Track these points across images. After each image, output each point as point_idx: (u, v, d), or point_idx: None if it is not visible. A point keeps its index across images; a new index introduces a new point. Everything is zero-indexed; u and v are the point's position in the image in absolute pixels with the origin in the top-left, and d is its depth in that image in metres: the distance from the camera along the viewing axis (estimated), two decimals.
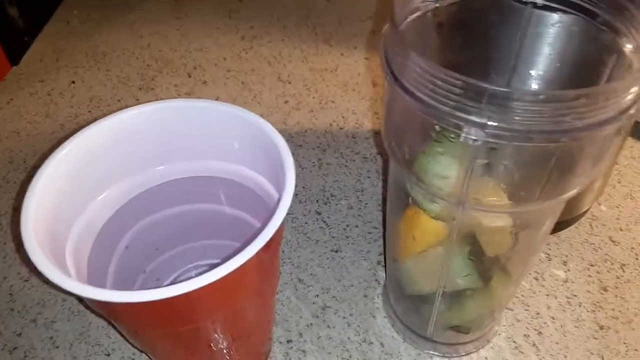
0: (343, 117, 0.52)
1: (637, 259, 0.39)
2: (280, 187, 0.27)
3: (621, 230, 0.40)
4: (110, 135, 0.28)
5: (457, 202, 0.23)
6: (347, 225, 0.42)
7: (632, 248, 0.39)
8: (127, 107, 0.54)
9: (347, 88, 0.55)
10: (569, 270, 0.38)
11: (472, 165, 0.21)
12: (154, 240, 0.32)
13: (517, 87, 0.28)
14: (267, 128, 0.27)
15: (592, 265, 0.38)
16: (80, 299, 0.38)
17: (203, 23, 0.64)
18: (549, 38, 0.27)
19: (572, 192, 0.22)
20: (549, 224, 0.26)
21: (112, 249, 0.30)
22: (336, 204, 0.44)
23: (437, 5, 0.26)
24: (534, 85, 0.28)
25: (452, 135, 0.20)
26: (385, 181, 0.44)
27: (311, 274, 0.39)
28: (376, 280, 0.38)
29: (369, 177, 0.46)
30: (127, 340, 0.36)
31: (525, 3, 0.26)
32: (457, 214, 0.24)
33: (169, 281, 0.35)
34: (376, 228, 0.42)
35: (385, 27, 0.24)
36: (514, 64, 0.28)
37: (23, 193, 0.45)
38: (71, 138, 0.27)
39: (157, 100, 0.54)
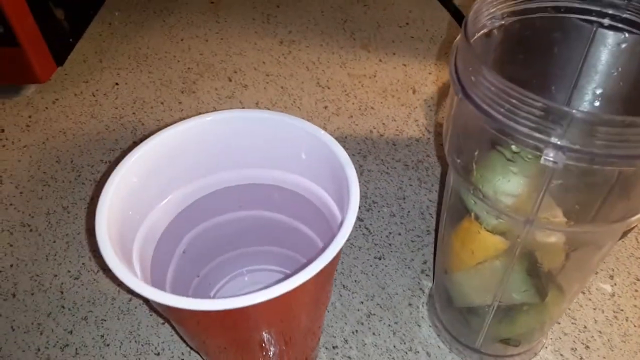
0: (383, 123, 0.52)
1: None
2: (341, 204, 0.27)
3: None
4: (177, 143, 0.29)
5: (525, 221, 0.23)
6: (390, 233, 0.43)
7: None
8: (170, 109, 0.55)
9: (386, 94, 0.55)
10: (615, 284, 0.38)
11: (547, 186, 0.21)
12: (208, 245, 0.33)
13: (595, 111, 0.28)
14: (333, 144, 0.27)
15: (638, 280, 0.38)
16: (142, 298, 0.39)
17: (241, 27, 0.65)
18: (613, 57, 0.27)
19: (637, 216, 0.22)
20: (610, 245, 0.26)
21: (171, 253, 0.31)
22: (378, 211, 0.44)
23: (503, 22, 0.26)
24: (596, 103, 0.28)
25: (529, 156, 0.20)
26: (441, 191, 0.44)
27: (355, 281, 0.40)
28: (420, 289, 0.39)
29: (410, 185, 0.46)
30: (181, 337, 0.36)
31: (591, 22, 0.26)
32: (523, 232, 0.24)
33: (219, 285, 0.36)
34: (419, 236, 0.42)
35: (456, 41, 0.24)
36: (576, 80, 0.28)
37: (72, 192, 0.46)
38: (141, 144, 0.28)
39: (198, 103, 0.55)
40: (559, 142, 0.19)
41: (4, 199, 0.47)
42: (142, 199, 0.28)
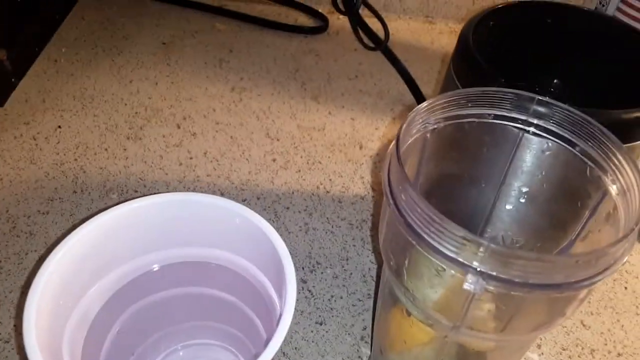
0: (330, 179, 0.53)
1: (605, 344, 0.41)
2: (279, 289, 0.28)
3: (591, 314, 0.43)
4: (106, 230, 0.29)
5: (452, 327, 0.24)
6: (332, 296, 0.43)
7: (602, 333, 0.41)
8: (114, 156, 0.54)
9: (334, 148, 0.57)
10: (542, 353, 0.40)
11: (470, 303, 0.22)
12: (143, 323, 0.32)
13: (509, 246, 0.29)
14: (271, 233, 0.28)
15: (564, 350, 0.41)
16: None
17: (193, 71, 0.65)
18: (538, 161, 0.29)
19: (557, 325, 0.24)
20: (533, 339, 0.27)
21: (105, 334, 0.30)
22: (322, 273, 0.45)
23: (436, 126, 0.28)
24: (522, 200, 0.30)
25: (453, 273, 0.21)
26: (378, 275, 0.45)
27: (295, 348, 0.40)
28: (359, 357, 0.39)
29: (354, 245, 0.47)
30: None
31: (517, 128, 0.28)
32: (450, 333, 0.25)
33: None
34: (360, 300, 0.43)
35: (387, 155, 0.25)
36: (504, 178, 0.30)
37: (5, 246, 0.44)
38: (68, 237, 0.27)
39: (144, 150, 0.54)
40: (479, 269, 0.20)
41: None
42: (74, 286, 0.27)
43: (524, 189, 0.30)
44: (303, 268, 0.45)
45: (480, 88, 0.27)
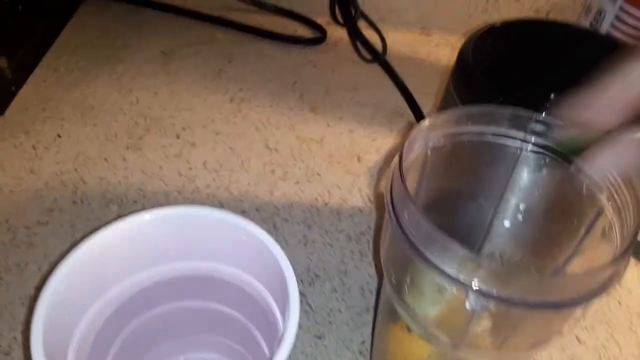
0: (328, 191, 0.54)
1: (600, 359, 0.41)
2: (280, 302, 0.28)
3: (586, 329, 0.43)
4: (109, 244, 0.29)
5: (451, 344, 0.24)
6: (331, 310, 0.44)
7: (596, 348, 0.42)
8: (114, 167, 0.54)
9: (332, 160, 0.57)
10: None
11: (471, 321, 0.22)
12: (146, 337, 0.33)
13: (511, 265, 0.30)
14: (277, 252, 0.28)
15: None
16: None
17: (192, 81, 0.65)
18: (535, 177, 0.29)
19: (553, 343, 0.24)
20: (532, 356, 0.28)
21: (108, 348, 0.30)
22: (320, 286, 0.45)
23: (436, 144, 0.28)
24: (519, 216, 0.31)
25: (455, 292, 0.22)
26: (378, 290, 0.45)
27: None
28: None
29: (352, 259, 0.48)
30: None
31: (515, 146, 0.29)
32: (450, 349, 0.25)
33: None
34: (358, 314, 0.43)
35: (390, 173, 0.26)
36: (502, 194, 0.31)
37: (5, 257, 0.44)
38: (72, 251, 0.28)
39: (144, 160, 0.55)
40: (479, 287, 0.21)
41: None
42: (77, 302, 0.28)
43: (522, 206, 0.30)
44: (302, 281, 0.46)
45: (479, 106, 0.28)
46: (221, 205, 0.52)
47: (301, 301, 0.44)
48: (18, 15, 0.61)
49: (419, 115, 0.60)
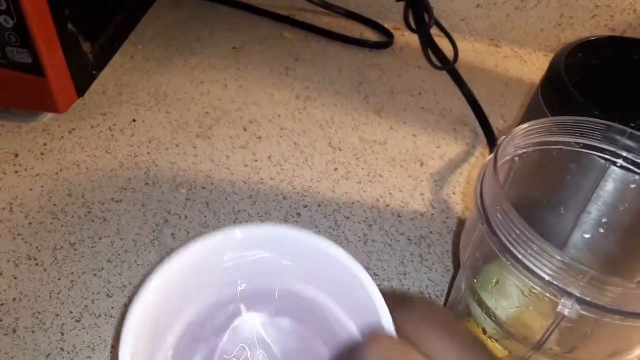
0: (390, 193, 0.54)
1: None
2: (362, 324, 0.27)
3: None
4: (195, 260, 0.28)
5: (531, 348, 0.25)
6: None
7: None
8: (184, 153, 0.56)
9: (394, 163, 0.57)
10: None
11: (557, 325, 0.23)
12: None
13: (608, 273, 0.29)
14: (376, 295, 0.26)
15: None
16: None
17: (260, 77, 0.67)
18: (621, 193, 0.29)
19: (632, 356, 0.24)
20: None
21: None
22: (379, 285, 0.46)
23: (525, 150, 0.28)
24: (600, 230, 0.30)
25: (546, 298, 0.22)
26: (451, 284, 0.45)
27: None
28: None
29: (412, 261, 0.48)
30: None
31: (605, 159, 0.29)
32: (526, 355, 0.26)
33: None
34: None
35: (481, 172, 0.26)
36: (584, 206, 0.30)
37: (80, 228, 0.45)
38: (160, 266, 0.26)
39: (212, 150, 0.56)
40: (575, 294, 0.21)
41: (12, 228, 0.48)
42: (164, 318, 0.27)
43: (604, 219, 0.30)
44: None
45: (572, 117, 0.28)
46: (284, 198, 0.53)
47: None
48: (101, 4, 0.64)
49: (485, 125, 0.60)
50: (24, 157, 0.54)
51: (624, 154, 0.28)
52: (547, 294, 0.21)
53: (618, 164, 0.28)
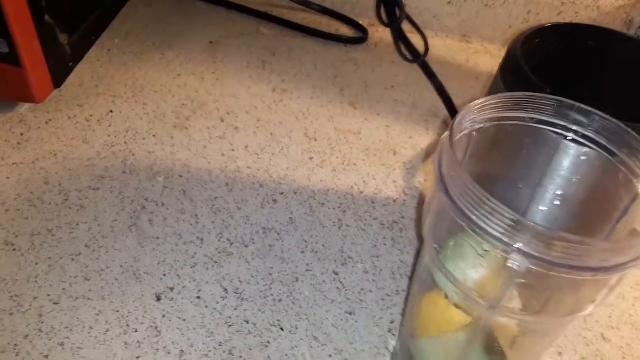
0: (364, 181, 0.56)
1: (624, 358, 0.42)
2: None
3: (612, 328, 0.44)
4: None
5: (488, 306, 0.26)
6: (362, 290, 0.45)
7: (621, 347, 0.43)
8: (162, 143, 0.57)
9: (369, 152, 0.59)
10: None
11: (511, 282, 0.24)
12: None
13: (554, 227, 0.31)
14: None
15: (583, 359, 0.42)
16: None
17: (237, 70, 0.68)
18: (574, 166, 0.31)
19: (586, 312, 0.26)
20: (559, 333, 0.29)
21: None
22: (353, 267, 0.47)
23: (482, 125, 0.30)
24: (556, 202, 0.32)
25: (498, 255, 0.23)
26: (416, 259, 0.47)
27: (326, 333, 0.42)
28: (386, 348, 0.41)
29: (384, 244, 0.50)
30: None
31: (557, 133, 0.30)
32: (485, 314, 0.27)
33: None
34: (389, 296, 0.45)
35: (440, 144, 0.28)
36: (540, 180, 0.32)
37: (58, 215, 0.46)
38: None
39: (190, 140, 0.57)
40: (523, 249, 0.22)
41: None
42: None
43: (559, 192, 0.32)
44: (335, 261, 0.48)
45: (526, 93, 0.30)
46: (260, 185, 0.54)
47: (334, 279, 0.46)
48: None
49: (455, 116, 0.62)
50: (1, 147, 0.54)
51: (575, 128, 0.30)
52: (499, 252, 0.23)
53: (569, 138, 0.30)
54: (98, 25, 0.70)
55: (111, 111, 0.60)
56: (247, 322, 0.43)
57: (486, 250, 0.24)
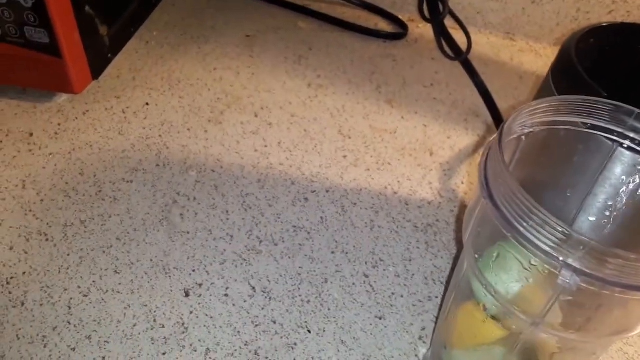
0: (398, 181, 0.54)
1: None
2: None
3: (629, 345, 0.42)
4: None
5: (531, 322, 0.24)
6: (393, 294, 0.44)
7: None
8: (195, 137, 0.57)
9: (404, 152, 0.57)
10: None
11: (557, 298, 0.22)
12: None
13: (608, 243, 0.29)
14: None
15: None
16: None
17: (273, 65, 0.67)
18: (628, 175, 0.29)
19: (634, 332, 0.24)
20: (602, 352, 0.27)
21: None
22: (384, 270, 0.46)
23: (532, 130, 0.28)
24: (606, 212, 0.30)
25: (545, 271, 0.22)
26: (454, 265, 0.45)
27: (354, 338, 0.41)
28: (416, 355, 0.40)
29: (417, 248, 0.48)
30: None
31: (612, 140, 0.28)
32: (526, 330, 0.25)
33: None
34: (420, 302, 0.44)
35: (486, 148, 0.26)
36: (590, 189, 0.30)
37: (91, 207, 0.46)
38: None
39: (224, 134, 0.57)
40: (574, 265, 0.21)
41: (24, 204, 0.49)
42: None
43: (610, 202, 0.30)
44: (366, 263, 0.46)
45: (580, 97, 0.27)
46: (292, 183, 0.53)
47: (364, 282, 0.45)
48: None
49: (496, 117, 0.59)
50: (39, 137, 0.55)
51: (632, 135, 0.28)
52: (547, 266, 0.21)
53: (625, 146, 0.28)
54: (137, 17, 0.70)
55: (147, 103, 0.60)
56: (274, 323, 0.42)
57: (533, 265, 0.22)
